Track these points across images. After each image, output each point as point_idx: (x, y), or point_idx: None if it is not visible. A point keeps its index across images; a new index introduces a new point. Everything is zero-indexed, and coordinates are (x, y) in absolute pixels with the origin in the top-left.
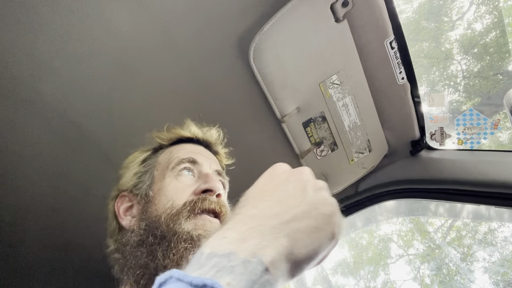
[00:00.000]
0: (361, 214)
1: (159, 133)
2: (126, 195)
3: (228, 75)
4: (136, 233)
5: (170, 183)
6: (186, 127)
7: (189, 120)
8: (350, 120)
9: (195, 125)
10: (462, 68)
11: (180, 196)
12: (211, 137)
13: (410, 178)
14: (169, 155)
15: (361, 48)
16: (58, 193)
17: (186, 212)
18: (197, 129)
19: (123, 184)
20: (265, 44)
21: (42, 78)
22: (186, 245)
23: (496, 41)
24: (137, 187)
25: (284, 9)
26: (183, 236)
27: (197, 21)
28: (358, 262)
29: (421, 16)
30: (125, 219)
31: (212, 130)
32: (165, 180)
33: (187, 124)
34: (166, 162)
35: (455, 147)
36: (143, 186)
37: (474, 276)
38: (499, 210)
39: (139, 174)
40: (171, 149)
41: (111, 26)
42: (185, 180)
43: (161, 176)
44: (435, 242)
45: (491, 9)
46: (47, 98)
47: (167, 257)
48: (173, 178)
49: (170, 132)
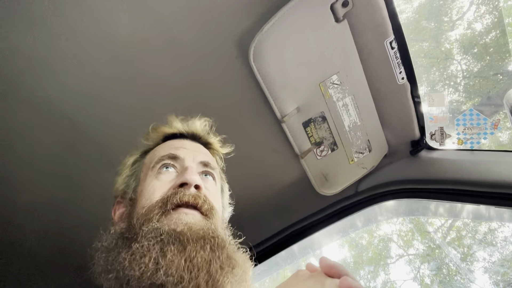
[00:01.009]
0: (361, 214)
1: (146, 135)
2: (121, 201)
3: (228, 75)
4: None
5: (150, 183)
6: (170, 123)
7: (172, 116)
8: (350, 120)
9: (180, 120)
10: (462, 68)
11: (157, 194)
12: (195, 129)
13: (410, 178)
14: (152, 154)
15: (361, 48)
16: (58, 193)
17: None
18: (180, 123)
19: (116, 190)
20: (265, 44)
21: (42, 78)
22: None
23: (496, 41)
24: (125, 192)
25: (284, 9)
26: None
27: (197, 21)
28: (358, 262)
29: (421, 16)
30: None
31: (196, 121)
32: (146, 180)
33: (170, 120)
34: (149, 162)
35: (455, 147)
36: (129, 189)
37: (474, 276)
38: (499, 210)
39: (127, 178)
40: (156, 149)
41: (111, 26)
42: (164, 178)
43: (144, 176)
44: (435, 242)
45: (491, 9)
46: (47, 98)
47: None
48: (154, 177)
49: (155, 132)
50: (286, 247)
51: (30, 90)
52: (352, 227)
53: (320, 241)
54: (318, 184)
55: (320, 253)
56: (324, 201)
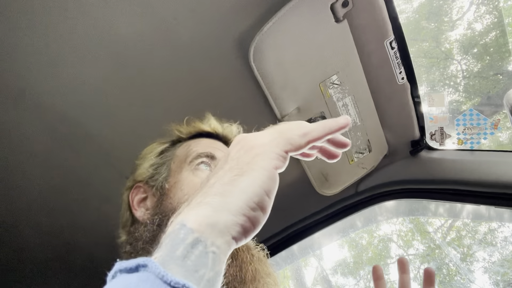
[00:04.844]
0: (361, 214)
1: (178, 126)
2: (141, 186)
3: (228, 75)
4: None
5: (187, 177)
6: (206, 121)
7: (209, 115)
8: (350, 120)
9: (216, 120)
10: (462, 68)
11: None
12: (231, 133)
13: (410, 178)
14: (187, 148)
15: (361, 48)
16: (58, 193)
17: None
18: (218, 124)
19: (139, 175)
20: (265, 44)
21: (42, 78)
22: None
23: (496, 41)
24: (153, 179)
25: (284, 9)
26: None
27: (197, 21)
28: (358, 262)
29: (421, 16)
30: (139, 211)
31: (233, 126)
32: (182, 173)
33: (207, 118)
34: (184, 155)
35: (455, 147)
36: (159, 178)
37: (474, 276)
38: (499, 210)
39: (155, 166)
40: (190, 143)
41: (111, 26)
42: (202, 175)
43: (178, 169)
44: (435, 242)
45: (491, 9)
46: (47, 98)
47: None
48: (190, 172)
49: (189, 125)
50: (286, 247)
51: (30, 90)
52: (352, 227)
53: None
54: (318, 184)
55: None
56: (324, 201)
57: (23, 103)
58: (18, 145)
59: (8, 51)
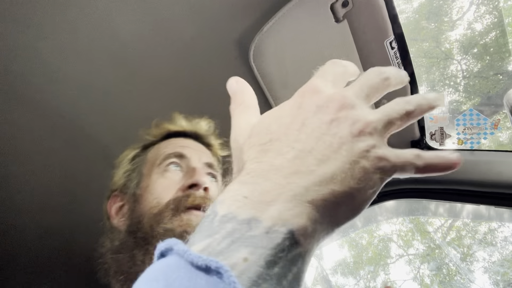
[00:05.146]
0: (361, 214)
1: (148, 130)
2: (117, 195)
3: (228, 75)
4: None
5: (156, 180)
6: (174, 121)
7: (177, 114)
8: None
9: (184, 118)
10: (462, 68)
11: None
12: (200, 129)
13: (410, 178)
14: (157, 151)
15: (361, 48)
16: (58, 192)
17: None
18: (186, 122)
19: (114, 184)
20: (265, 44)
21: (41, 77)
22: None
23: (496, 41)
24: (126, 186)
25: (284, 9)
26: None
27: (197, 21)
28: (358, 262)
29: (421, 16)
30: (116, 219)
31: (202, 122)
32: (151, 177)
33: (175, 117)
34: (154, 158)
35: (455, 147)
36: (131, 185)
37: (474, 276)
38: (499, 210)
39: (128, 173)
40: (159, 145)
41: (111, 25)
42: (171, 176)
43: (149, 173)
44: (435, 242)
45: (491, 9)
46: (46, 96)
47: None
48: (160, 174)
49: (158, 128)
50: None
51: (29, 89)
52: (352, 227)
53: None
54: None
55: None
56: None
57: (22, 102)
58: (18, 145)
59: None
